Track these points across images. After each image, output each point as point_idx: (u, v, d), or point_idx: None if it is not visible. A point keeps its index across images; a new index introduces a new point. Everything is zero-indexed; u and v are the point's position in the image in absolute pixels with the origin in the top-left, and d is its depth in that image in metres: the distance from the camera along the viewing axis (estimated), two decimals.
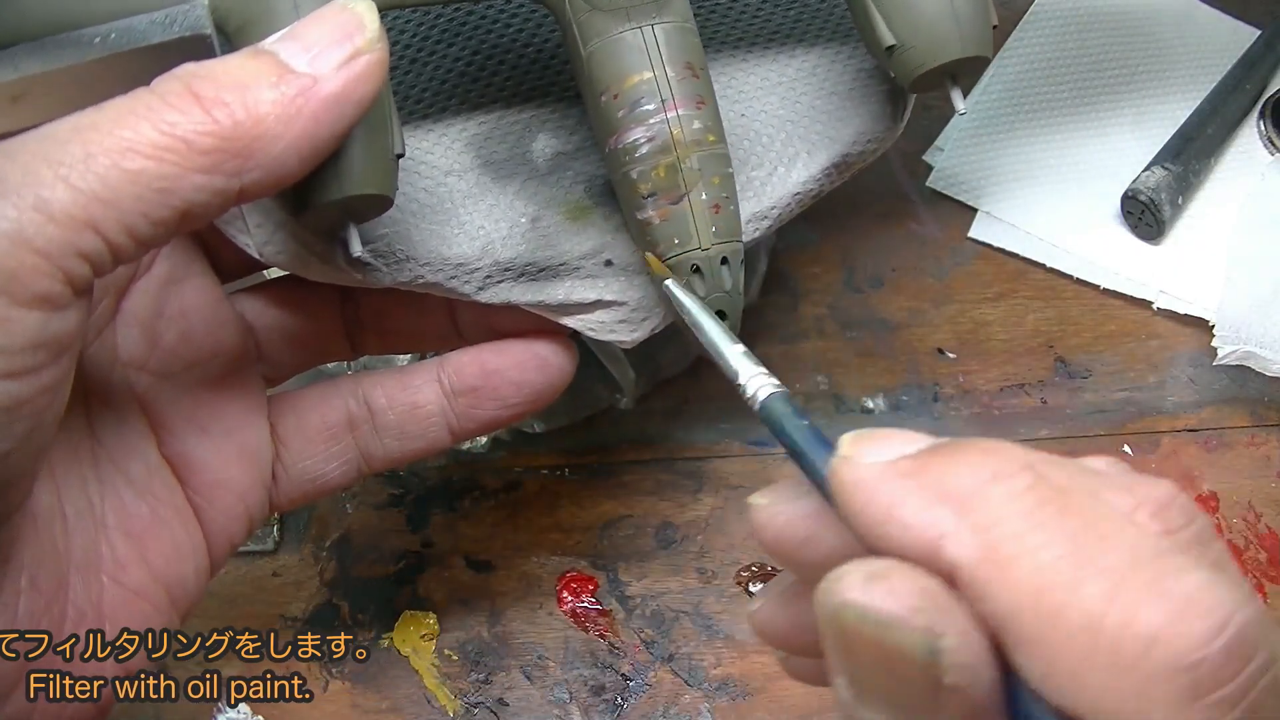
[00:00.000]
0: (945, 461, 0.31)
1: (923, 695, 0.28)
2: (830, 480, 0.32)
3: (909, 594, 0.29)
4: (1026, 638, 0.28)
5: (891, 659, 0.28)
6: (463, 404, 0.55)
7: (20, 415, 0.38)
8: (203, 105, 0.39)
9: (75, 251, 0.37)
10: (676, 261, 0.49)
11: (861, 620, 0.28)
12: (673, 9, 0.50)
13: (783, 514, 0.35)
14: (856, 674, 0.29)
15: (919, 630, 0.28)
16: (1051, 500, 0.30)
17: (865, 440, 0.33)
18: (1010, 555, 0.29)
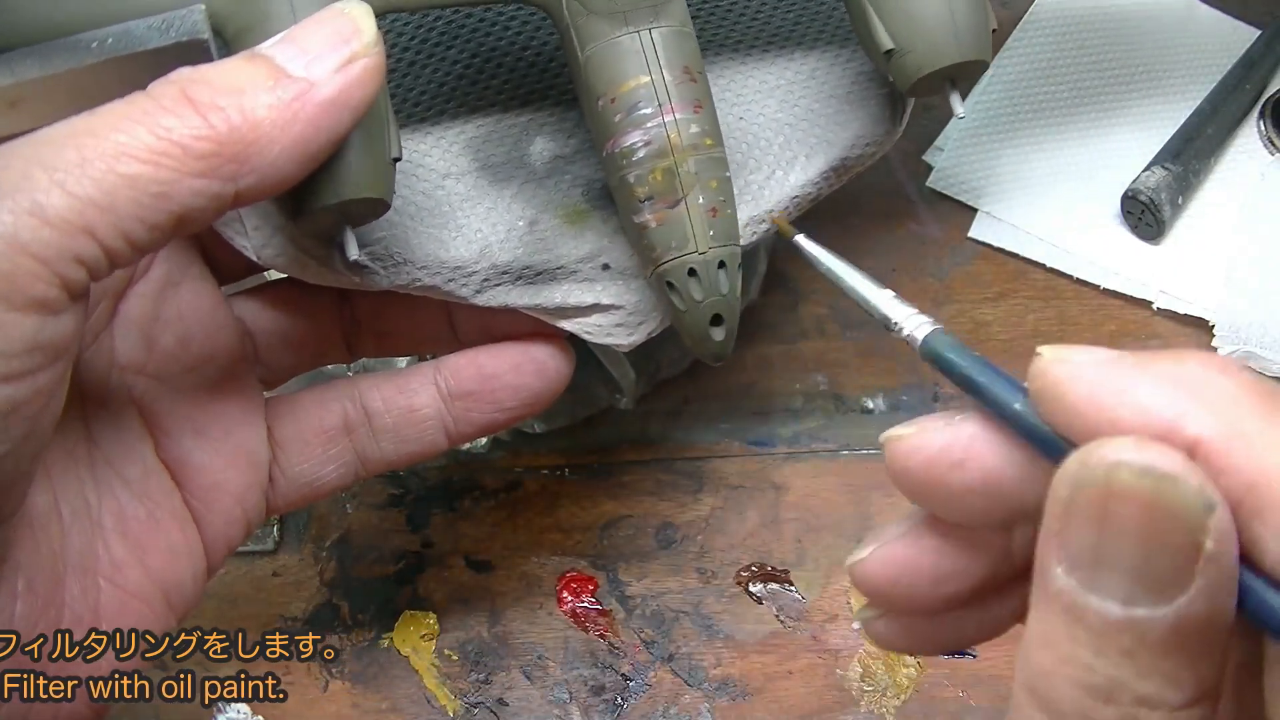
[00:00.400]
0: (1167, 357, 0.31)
1: (1179, 563, 0.28)
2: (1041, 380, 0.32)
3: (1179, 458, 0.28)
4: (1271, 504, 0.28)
5: (1160, 519, 0.28)
6: (459, 407, 0.55)
7: (16, 419, 0.38)
8: (198, 110, 0.39)
9: (71, 256, 0.37)
10: (673, 265, 0.50)
11: (1139, 476, 0.28)
12: (670, 13, 0.50)
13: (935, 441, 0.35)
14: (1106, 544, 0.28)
15: (1199, 494, 0.27)
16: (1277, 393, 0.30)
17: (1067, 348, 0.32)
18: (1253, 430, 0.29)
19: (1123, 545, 0.28)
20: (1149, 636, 0.28)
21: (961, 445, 0.34)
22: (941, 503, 0.35)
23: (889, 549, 0.37)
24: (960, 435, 0.34)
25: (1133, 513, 0.28)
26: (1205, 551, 0.27)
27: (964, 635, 0.39)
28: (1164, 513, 0.27)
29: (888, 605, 0.39)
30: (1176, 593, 0.28)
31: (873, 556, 0.38)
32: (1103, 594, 0.28)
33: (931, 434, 0.35)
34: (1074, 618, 0.29)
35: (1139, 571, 0.28)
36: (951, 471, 0.34)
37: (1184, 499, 0.27)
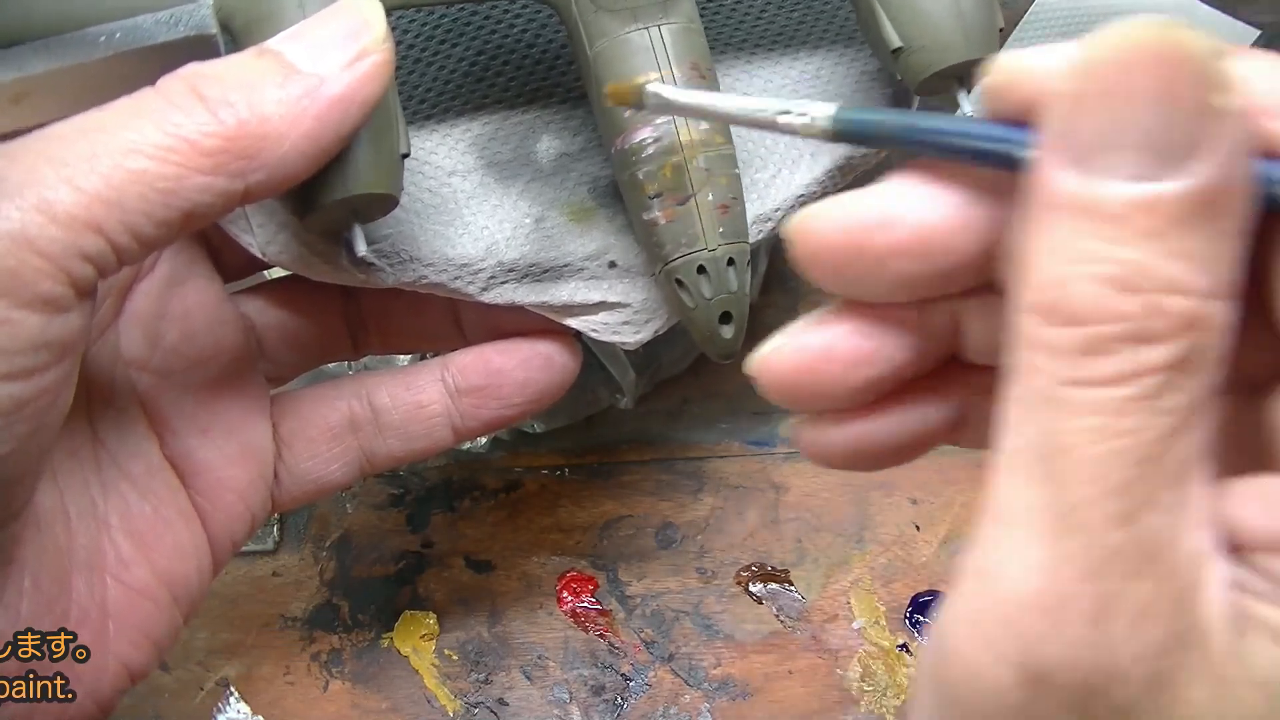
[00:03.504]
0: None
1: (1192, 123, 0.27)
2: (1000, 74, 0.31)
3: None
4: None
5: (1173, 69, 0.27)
6: (467, 404, 0.55)
7: (22, 416, 0.37)
8: (207, 106, 0.39)
9: (78, 253, 0.37)
10: (682, 263, 0.49)
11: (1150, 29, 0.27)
12: (679, 10, 0.50)
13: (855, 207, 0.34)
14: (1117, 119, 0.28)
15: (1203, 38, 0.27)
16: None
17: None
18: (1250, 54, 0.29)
19: (1135, 115, 0.27)
20: (1169, 211, 0.27)
21: (886, 202, 0.34)
22: (863, 273, 0.34)
23: (797, 338, 0.37)
24: (885, 194, 0.34)
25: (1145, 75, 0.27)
26: (1220, 107, 0.27)
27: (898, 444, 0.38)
28: (1176, 65, 0.27)
29: (805, 402, 0.37)
30: (1193, 158, 0.27)
31: (781, 349, 0.37)
32: (1116, 176, 0.28)
33: (850, 201, 0.34)
34: (1084, 212, 0.28)
35: (1153, 140, 0.27)
36: (875, 233, 0.33)
37: (1194, 48, 0.27)
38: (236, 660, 0.68)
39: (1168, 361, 0.27)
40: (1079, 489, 0.28)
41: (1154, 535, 0.28)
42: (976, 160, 0.32)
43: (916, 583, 0.68)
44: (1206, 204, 0.27)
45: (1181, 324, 0.27)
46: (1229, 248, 0.28)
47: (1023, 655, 0.29)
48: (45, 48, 0.46)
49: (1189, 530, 0.28)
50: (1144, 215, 0.27)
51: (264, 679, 0.68)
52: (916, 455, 0.39)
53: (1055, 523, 0.29)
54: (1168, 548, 0.28)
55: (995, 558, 0.30)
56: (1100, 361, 0.28)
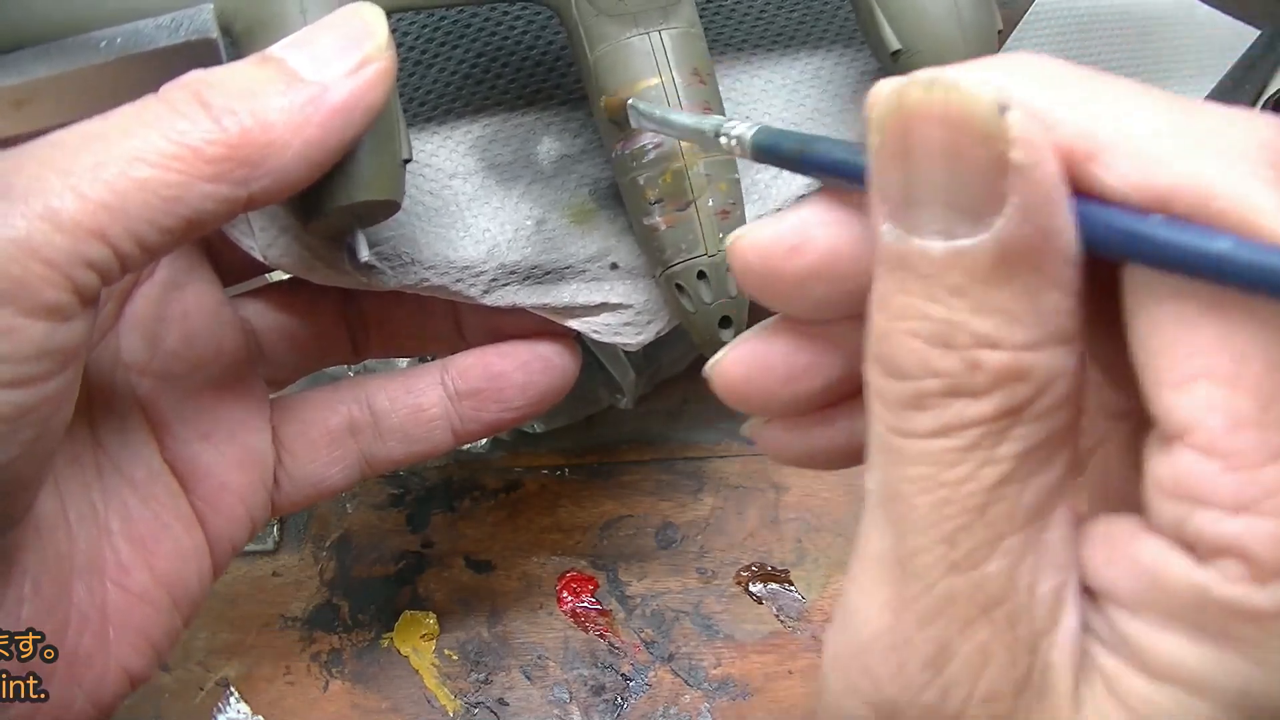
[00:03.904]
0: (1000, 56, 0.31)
1: (988, 180, 0.27)
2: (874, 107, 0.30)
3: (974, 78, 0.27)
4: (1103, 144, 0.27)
5: (957, 132, 0.27)
6: (467, 406, 0.55)
7: (26, 423, 0.37)
8: (211, 113, 0.39)
9: (83, 261, 0.37)
10: (682, 268, 0.49)
11: (928, 89, 0.27)
12: (680, 15, 0.50)
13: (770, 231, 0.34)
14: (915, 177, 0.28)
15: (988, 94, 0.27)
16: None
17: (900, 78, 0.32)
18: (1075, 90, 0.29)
19: (930, 173, 0.27)
20: (976, 268, 0.27)
21: (795, 230, 0.34)
22: (784, 295, 0.35)
23: (741, 348, 0.37)
24: (793, 221, 0.34)
25: (930, 132, 0.27)
26: (1013, 163, 0.26)
27: (848, 445, 0.38)
28: (958, 124, 0.27)
29: (752, 408, 0.38)
30: (992, 214, 0.27)
31: (727, 357, 0.38)
32: (923, 233, 0.28)
33: (767, 226, 0.34)
34: (901, 268, 0.28)
35: (951, 198, 0.27)
36: (788, 258, 0.34)
37: (974, 105, 0.26)
38: (236, 660, 0.68)
39: (990, 414, 0.28)
40: (912, 537, 0.29)
41: (991, 581, 0.28)
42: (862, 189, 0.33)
43: None
44: (1012, 258, 0.27)
45: (999, 378, 0.28)
46: (1050, 298, 0.28)
47: (872, 693, 0.30)
48: (46, 53, 0.46)
49: (1041, 574, 0.29)
50: (951, 272, 0.28)
51: (264, 679, 0.68)
52: None
53: (895, 567, 0.29)
54: (1008, 593, 0.28)
55: (854, 595, 0.31)
56: (923, 415, 0.28)
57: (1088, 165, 0.28)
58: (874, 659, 0.30)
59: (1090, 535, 0.30)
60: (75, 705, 0.45)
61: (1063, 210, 0.27)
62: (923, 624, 0.29)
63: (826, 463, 0.39)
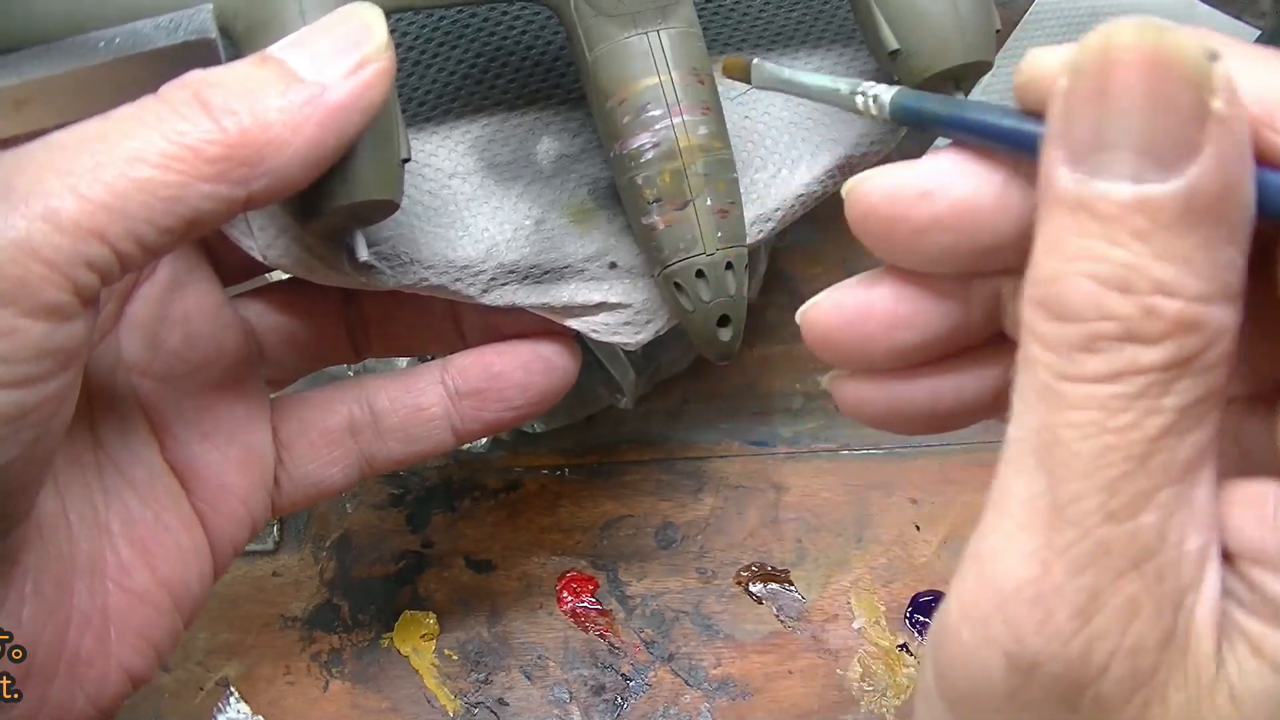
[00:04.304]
0: None
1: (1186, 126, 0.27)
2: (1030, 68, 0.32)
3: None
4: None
5: (1163, 75, 0.27)
6: (467, 406, 0.55)
7: (26, 424, 0.37)
8: (211, 113, 0.39)
9: (83, 261, 0.37)
10: (681, 267, 0.49)
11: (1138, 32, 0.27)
12: (678, 15, 0.50)
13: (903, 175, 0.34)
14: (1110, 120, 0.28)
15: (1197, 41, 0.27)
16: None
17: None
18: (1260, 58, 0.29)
19: (1128, 116, 0.27)
20: (1162, 214, 0.27)
21: (929, 175, 0.34)
22: (904, 242, 0.35)
23: (841, 292, 0.38)
24: (929, 167, 0.34)
25: (1133, 76, 0.27)
26: (1213, 112, 0.27)
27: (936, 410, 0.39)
28: (1166, 68, 0.27)
29: (842, 357, 0.38)
30: (1187, 161, 0.27)
31: (825, 300, 0.38)
32: (1111, 176, 0.28)
33: (898, 171, 0.35)
34: (1082, 210, 0.28)
35: (1146, 141, 0.27)
36: (918, 203, 0.34)
37: (1185, 49, 0.27)
38: (236, 660, 0.68)
39: (1161, 362, 0.28)
40: (1071, 483, 0.28)
41: (1145, 533, 0.28)
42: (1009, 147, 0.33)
43: (916, 583, 0.69)
44: (1199, 208, 0.27)
45: (1174, 326, 0.28)
46: (1226, 253, 0.28)
47: (1012, 643, 0.29)
48: (46, 53, 0.46)
49: (1189, 531, 0.29)
50: (1137, 216, 0.27)
51: (264, 679, 0.68)
52: (956, 426, 0.40)
53: (1047, 515, 0.29)
54: (1160, 547, 0.28)
55: (991, 545, 0.30)
56: (1094, 358, 0.28)
57: (1262, 130, 0.28)
58: (1018, 608, 0.29)
59: (1232, 498, 0.30)
60: (76, 706, 0.45)
61: (1250, 166, 0.28)
62: (1074, 572, 0.29)
63: (903, 425, 0.39)
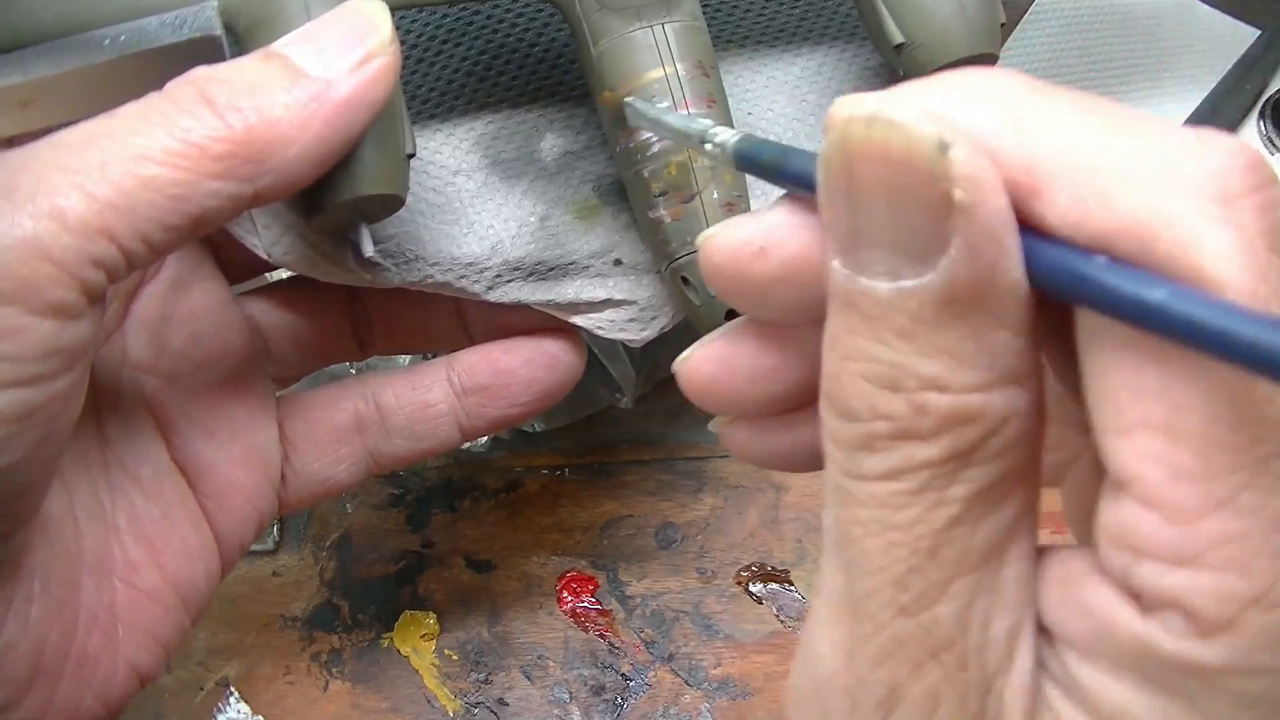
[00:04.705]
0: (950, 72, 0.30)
1: (932, 220, 0.26)
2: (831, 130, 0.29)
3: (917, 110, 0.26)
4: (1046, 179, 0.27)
5: (899, 171, 0.26)
6: (473, 403, 0.55)
7: (33, 423, 0.37)
8: (216, 110, 0.39)
9: (90, 260, 0.37)
10: (688, 260, 0.49)
11: (869, 126, 0.26)
12: (682, 8, 0.50)
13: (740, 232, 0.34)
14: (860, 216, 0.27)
15: (929, 132, 0.26)
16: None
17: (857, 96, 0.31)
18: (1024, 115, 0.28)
19: (874, 212, 0.27)
20: (921, 310, 0.27)
21: (763, 233, 0.33)
22: (749, 296, 0.34)
23: (707, 348, 0.37)
24: (763, 224, 0.33)
25: (872, 171, 0.27)
26: (956, 202, 0.26)
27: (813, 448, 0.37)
28: (901, 163, 0.26)
29: (716, 407, 0.38)
30: (937, 255, 0.26)
31: (694, 355, 0.37)
32: (870, 273, 0.27)
33: (736, 226, 0.34)
34: (850, 308, 0.28)
35: (895, 238, 0.27)
36: (754, 261, 0.33)
37: (915, 143, 0.26)
38: (236, 660, 0.68)
39: (938, 457, 0.27)
40: (864, 579, 0.28)
41: (941, 625, 0.28)
42: None
43: None
44: (958, 300, 0.27)
45: (947, 420, 0.27)
46: (999, 338, 0.27)
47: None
48: (50, 51, 0.46)
49: (994, 615, 0.28)
50: (897, 314, 0.27)
51: (264, 679, 0.68)
52: None
53: (849, 608, 0.29)
54: (961, 635, 0.28)
55: (810, 632, 0.31)
56: (872, 457, 0.28)
57: (1032, 201, 0.27)
58: (830, 697, 0.30)
59: (1047, 573, 0.30)
60: (84, 704, 0.45)
61: (1011, 248, 0.27)
62: (874, 665, 0.29)
63: (789, 464, 0.39)
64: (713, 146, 0.38)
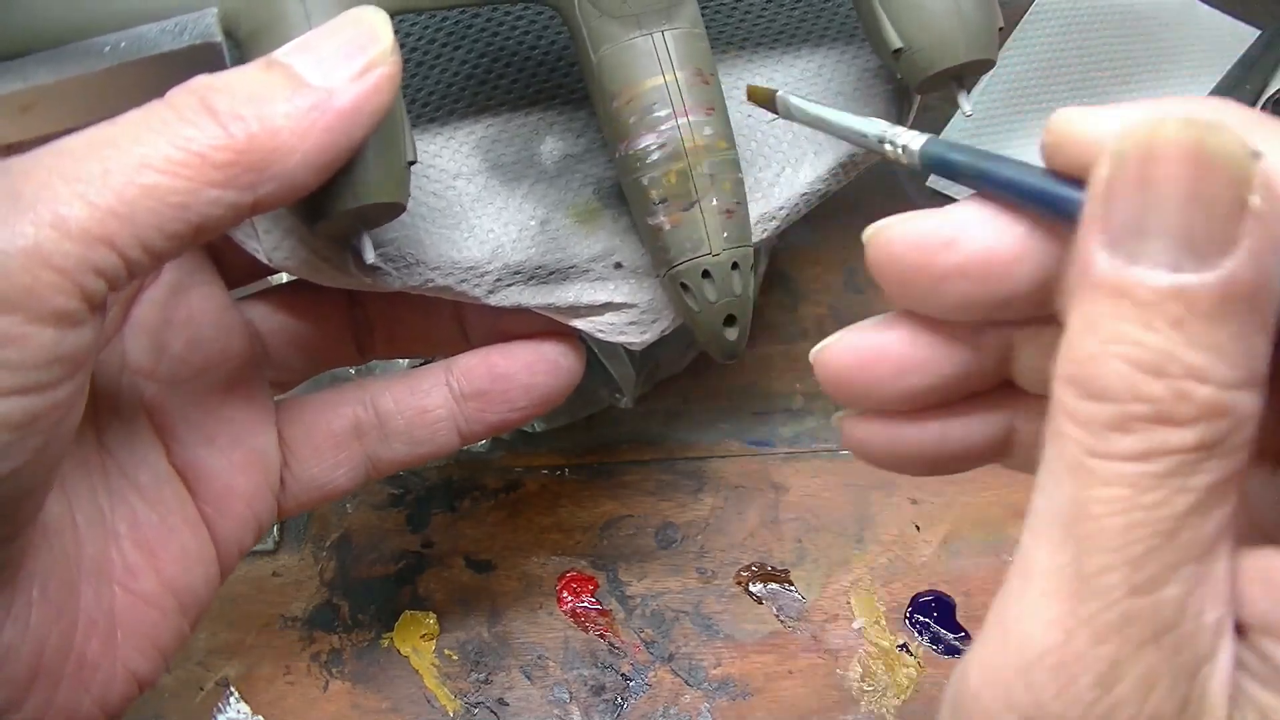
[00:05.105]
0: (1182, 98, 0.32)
1: (1224, 220, 0.28)
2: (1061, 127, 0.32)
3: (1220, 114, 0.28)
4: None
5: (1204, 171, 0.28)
6: (472, 407, 0.55)
7: (35, 430, 0.37)
8: (218, 119, 0.39)
9: (91, 268, 0.37)
10: (687, 267, 0.49)
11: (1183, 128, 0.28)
12: (683, 15, 0.50)
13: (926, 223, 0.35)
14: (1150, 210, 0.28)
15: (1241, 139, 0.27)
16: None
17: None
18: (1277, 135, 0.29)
19: (1168, 207, 0.28)
20: (1198, 303, 0.28)
21: (953, 225, 0.35)
22: (925, 289, 0.36)
23: (855, 335, 0.38)
24: (953, 217, 0.35)
25: (1176, 170, 0.28)
26: (1251, 207, 0.27)
27: (940, 452, 0.39)
28: (1208, 163, 0.28)
29: (852, 398, 0.39)
30: (1223, 254, 0.28)
31: (839, 341, 0.38)
32: (1149, 263, 0.28)
33: (920, 219, 0.35)
34: (1120, 295, 0.29)
35: (1185, 233, 0.28)
36: (940, 251, 0.35)
37: (1227, 147, 0.27)
38: (236, 660, 0.68)
39: (1190, 444, 0.28)
40: (1099, 555, 0.29)
41: (1167, 606, 0.29)
42: (1038, 208, 0.34)
43: (916, 583, 0.69)
44: (1234, 299, 0.28)
45: (1204, 411, 0.28)
46: (1256, 342, 0.28)
47: (1032, 709, 0.30)
48: (51, 58, 0.46)
49: (1207, 604, 0.29)
50: (1173, 305, 0.28)
51: (264, 679, 0.68)
52: (959, 469, 0.40)
53: (1074, 585, 0.29)
54: (1180, 620, 0.29)
55: (1016, 612, 0.31)
56: (1126, 438, 0.29)
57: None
58: (1040, 675, 0.30)
59: (1244, 569, 0.30)
60: (82, 709, 0.45)
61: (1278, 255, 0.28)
62: (1097, 641, 0.29)
63: (907, 466, 0.40)
64: (894, 149, 0.39)
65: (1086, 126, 0.32)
